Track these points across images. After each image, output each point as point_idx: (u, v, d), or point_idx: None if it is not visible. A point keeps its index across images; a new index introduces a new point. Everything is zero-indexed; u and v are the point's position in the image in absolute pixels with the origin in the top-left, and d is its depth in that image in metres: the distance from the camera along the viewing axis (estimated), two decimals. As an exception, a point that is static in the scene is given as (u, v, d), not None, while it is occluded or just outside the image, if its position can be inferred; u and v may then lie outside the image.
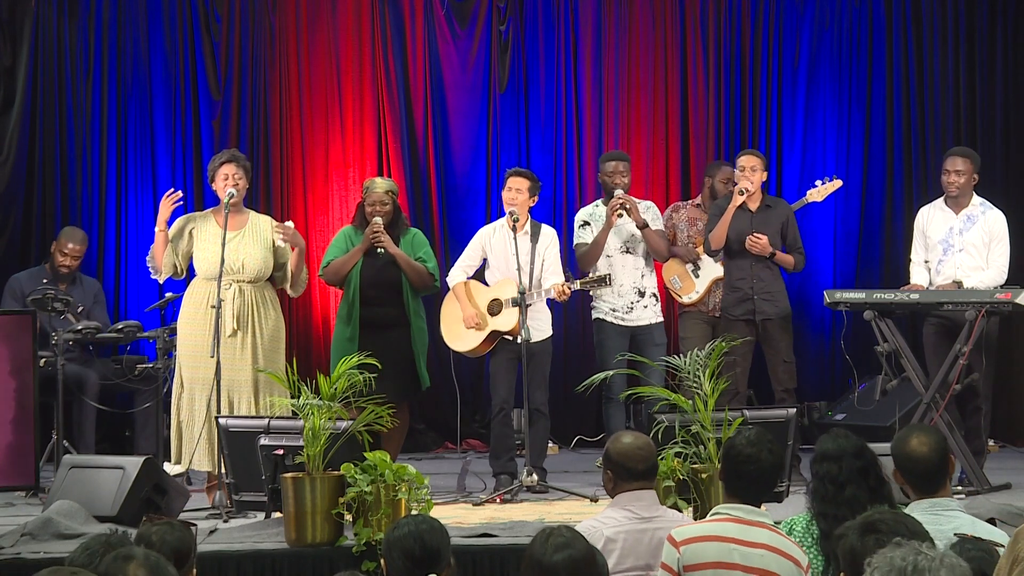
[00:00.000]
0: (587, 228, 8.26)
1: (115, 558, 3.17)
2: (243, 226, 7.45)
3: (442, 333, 8.16)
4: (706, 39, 10.21)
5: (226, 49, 10.00)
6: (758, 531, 4.22)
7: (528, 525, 6.42)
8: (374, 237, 7.66)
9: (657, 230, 8.23)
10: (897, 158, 10.17)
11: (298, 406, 6.00)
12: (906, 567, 2.77)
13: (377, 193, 7.78)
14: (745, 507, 4.29)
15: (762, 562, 4.16)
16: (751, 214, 8.21)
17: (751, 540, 4.19)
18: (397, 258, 7.69)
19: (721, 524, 4.26)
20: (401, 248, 7.74)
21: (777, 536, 4.24)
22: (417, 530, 3.83)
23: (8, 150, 9.44)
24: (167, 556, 3.82)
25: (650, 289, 8.25)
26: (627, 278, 8.18)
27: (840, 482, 4.37)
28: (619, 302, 8.17)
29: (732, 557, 4.16)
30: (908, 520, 3.46)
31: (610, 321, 8.19)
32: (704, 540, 4.18)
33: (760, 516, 4.29)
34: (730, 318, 8.21)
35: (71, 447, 8.11)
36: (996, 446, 9.38)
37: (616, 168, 8.25)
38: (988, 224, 7.87)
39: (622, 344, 8.08)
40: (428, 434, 10.02)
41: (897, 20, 10.17)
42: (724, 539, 4.19)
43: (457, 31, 10.21)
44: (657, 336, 8.19)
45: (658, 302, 8.32)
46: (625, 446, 4.69)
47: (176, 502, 6.72)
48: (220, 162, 7.49)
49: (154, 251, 7.48)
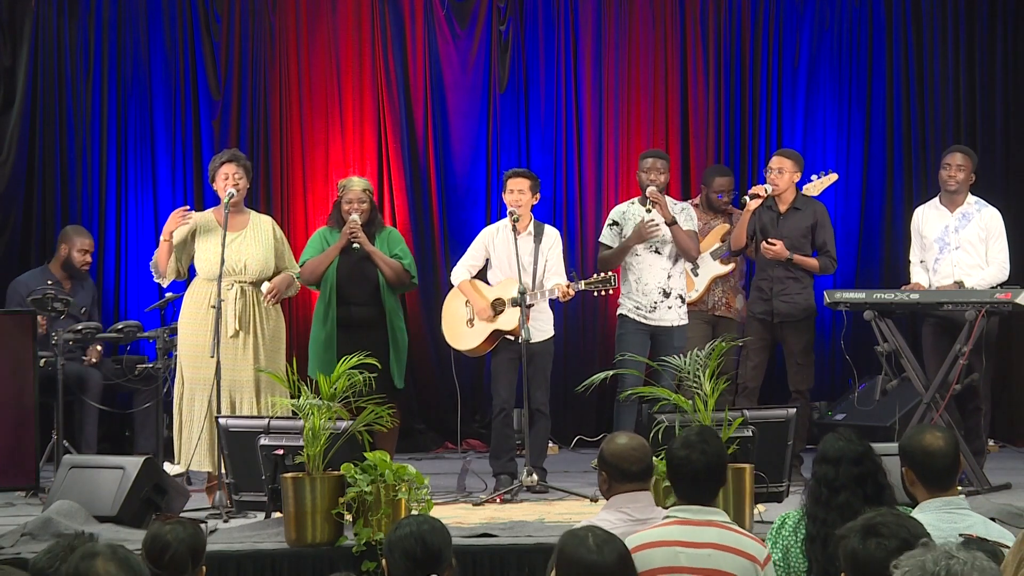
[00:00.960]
0: (614, 229, 8.18)
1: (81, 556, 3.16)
2: (244, 226, 7.45)
3: (443, 332, 8.15)
4: (706, 39, 10.21)
5: (226, 49, 10.00)
6: (706, 530, 4.19)
7: (528, 525, 6.42)
8: (351, 234, 7.66)
9: (687, 231, 8.12)
10: (897, 158, 10.18)
11: (298, 406, 6.00)
12: (938, 571, 2.73)
13: (355, 191, 7.78)
14: (693, 507, 4.26)
15: (710, 561, 4.12)
16: (778, 215, 8.19)
17: (698, 541, 4.15)
18: (373, 255, 7.70)
19: (667, 528, 4.22)
20: (376, 246, 7.74)
21: (728, 533, 4.20)
22: (419, 530, 3.82)
23: (8, 150, 9.44)
24: (184, 554, 3.84)
25: (676, 290, 8.14)
26: (652, 278, 8.10)
27: (835, 487, 4.35)
28: (643, 300, 8.09)
29: (679, 560, 4.12)
30: (910, 522, 3.44)
31: (632, 318, 8.13)
32: (651, 547, 4.12)
33: (709, 515, 4.25)
34: (749, 316, 8.29)
35: (71, 447, 8.11)
36: (996, 446, 9.38)
37: (653, 165, 8.14)
38: (984, 221, 7.88)
39: (642, 341, 8.02)
40: (428, 434, 10.02)
41: (897, 20, 10.18)
42: (669, 543, 4.15)
43: (457, 31, 10.21)
44: (677, 339, 8.05)
45: (683, 304, 8.20)
46: (619, 447, 4.67)
47: (176, 502, 6.72)
48: (221, 161, 7.49)
49: (158, 258, 7.48)
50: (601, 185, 10.20)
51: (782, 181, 8.14)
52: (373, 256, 7.71)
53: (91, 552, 3.16)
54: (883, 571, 3.24)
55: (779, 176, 8.15)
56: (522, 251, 7.82)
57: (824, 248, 8.20)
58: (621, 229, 8.16)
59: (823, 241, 8.21)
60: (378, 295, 7.74)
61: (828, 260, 8.22)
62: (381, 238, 7.82)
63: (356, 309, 7.72)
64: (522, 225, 7.91)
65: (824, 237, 8.22)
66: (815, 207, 8.31)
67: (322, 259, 7.72)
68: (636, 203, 8.26)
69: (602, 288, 7.86)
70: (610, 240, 8.19)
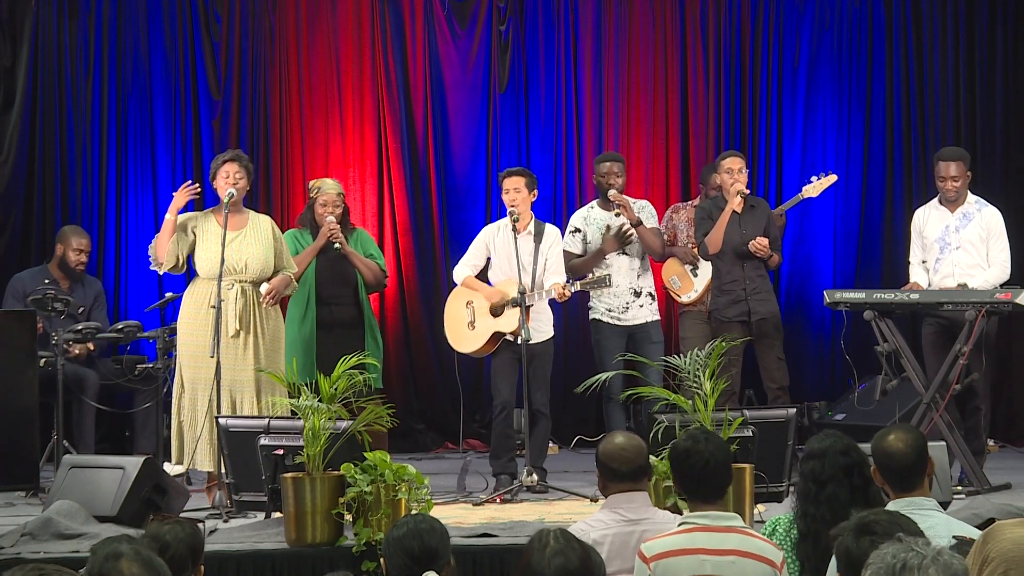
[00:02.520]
0: (576, 236, 8.31)
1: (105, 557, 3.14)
2: (244, 226, 7.44)
3: (446, 334, 8.17)
4: (706, 39, 10.21)
5: (226, 49, 10.00)
6: (727, 536, 4.18)
7: (528, 525, 6.42)
8: (332, 234, 7.71)
9: (652, 228, 8.28)
10: (897, 158, 10.18)
11: (298, 406, 6.00)
12: (896, 564, 2.77)
13: (330, 194, 7.89)
14: (712, 513, 4.25)
15: (733, 569, 4.11)
16: (738, 215, 8.25)
17: (721, 548, 4.14)
18: (351, 256, 7.81)
19: (689, 535, 4.19)
20: (350, 247, 7.84)
21: (748, 539, 4.20)
22: (417, 529, 3.85)
23: (8, 150, 9.44)
24: (183, 553, 3.84)
25: (646, 288, 8.30)
26: (622, 278, 8.23)
27: (822, 480, 4.36)
28: (615, 302, 8.22)
29: (704, 569, 4.10)
30: (903, 520, 3.45)
31: (607, 321, 8.25)
32: (675, 555, 4.10)
33: (728, 520, 4.25)
34: (724, 320, 8.23)
35: (71, 447, 8.11)
36: (996, 446, 9.37)
37: (611, 169, 8.30)
38: (985, 221, 7.87)
39: (619, 344, 8.14)
40: (428, 434, 10.02)
41: (897, 20, 10.18)
42: (694, 551, 4.13)
43: (457, 31, 10.21)
44: (654, 334, 8.25)
45: (654, 300, 8.36)
46: (611, 447, 4.68)
47: (176, 502, 6.71)
48: (223, 160, 7.49)
49: (158, 240, 7.42)
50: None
51: (744, 179, 8.22)
52: (351, 257, 7.83)
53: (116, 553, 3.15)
54: None
55: (741, 175, 8.23)
56: (522, 250, 7.83)
57: (776, 244, 8.36)
58: (584, 235, 8.25)
59: (774, 236, 8.36)
60: (357, 295, 7.87)
61: (779, 256, 8.49)
62: (353, 239, 7.95)
63: (337, 309, 7.83)
64: (522, 224, 7.92)
65: (775, 233, 8.41)
66: (764, 204, 8.54)
67: (300, 260, 7.75)
68: (595, 207, 8.38)
69: (598, 287, 7.91)
70: (574, 247, 8.27)
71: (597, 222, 8.27)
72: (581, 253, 8.29)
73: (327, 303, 7.80)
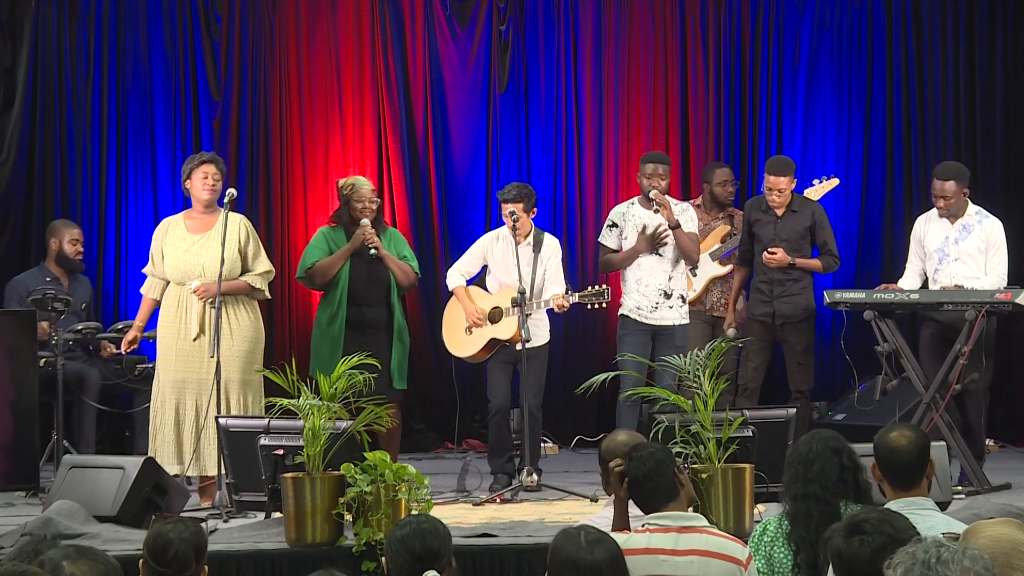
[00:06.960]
0: (613, 231, 8.18)
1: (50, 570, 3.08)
2: (210, 228, 7.43)
3: (443, 338, 8.17)
4: (706, 39, 10.21)
5: (226, 49, 10.00)
6: (689, 536, 4.19)
7: (528, 525, 6.42)
8: (369, 239, 7.65)
9: (689, 233, 8.11)
10: (897, 158, 10.17)
11: (298, 406, 5.99)
12: (928, 558, 2.80)
13: (365, 192, 7.78)
14: (673, 514, 4.26)
15: (692, 568, 4.13)
16: (776, 220, 8.22)
17: (681, 548, 4.16)
18: (387, 259, 7.72)
19: (648, 536, 4.21)
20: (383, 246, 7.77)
21: (710, 538, 4.21)
22: (420, 529, 3.86)
23: (8, 150, 9.43)
24: (187, 551, 3.84)
25: (677, 291, 8.13)
26: (653, 279, 8.07)
27: (809, 459, 4.38)
28: (644, 301, 8.07)
29: (662, 568, 4.12)
30: (894, 518, 3.45)
31: (633, 318, 8.11)
32: (632, 553, 4.09)
33: (691, 520, 4.26)
34: (748, 317, 8.35)
35: (71, 447, 8.11)
36: (996, 446, 9.38)
37: (655, 171, 8.10)
38: (985, 232, 7.83)
39: (642, 341, 8.02)
40: (428, 434, 10.02)
41: (897, 20, 10.17)
42: (653, 551, 4.15)
43: (457, 31, 10.21)
44: (678, 338, 8.04)
45: (684, 304, 8.19)
46: (613, 444, 4.70)
47: (176, 502, 6.72)
48: (200, 161, 7.50)
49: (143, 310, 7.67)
50: (601, 185, 10.20)
51: (783, 198, 8.19)
52: (386, 260, 7.72)
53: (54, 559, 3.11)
54: (869, 568, 3.26)
55: (780, 195, 8.19)
56: (521, 260, 7.82)
57: (826, 247, 8.28)
58: (621, 230, 8.16)
59: (823, 240, 8.28)
60: (389, 297, 7.77)
61: (831, 259, 8.30)
62: (386, 238, 7.83)
63: (368, 310, 7.74)
64: (522, 235, 7.92)
65: (824, 236, 8.29)
66: (812, 207, 8.37)
67: (334, 261, 7.70)
68: (636, 204, 8.23)
69: (596, 301, 7.87)
70: (610, 241, 8.19)
71: (635, 219, 8.14)
72: (616, 248, 8.18)
73: (358, 304, 7.72)
